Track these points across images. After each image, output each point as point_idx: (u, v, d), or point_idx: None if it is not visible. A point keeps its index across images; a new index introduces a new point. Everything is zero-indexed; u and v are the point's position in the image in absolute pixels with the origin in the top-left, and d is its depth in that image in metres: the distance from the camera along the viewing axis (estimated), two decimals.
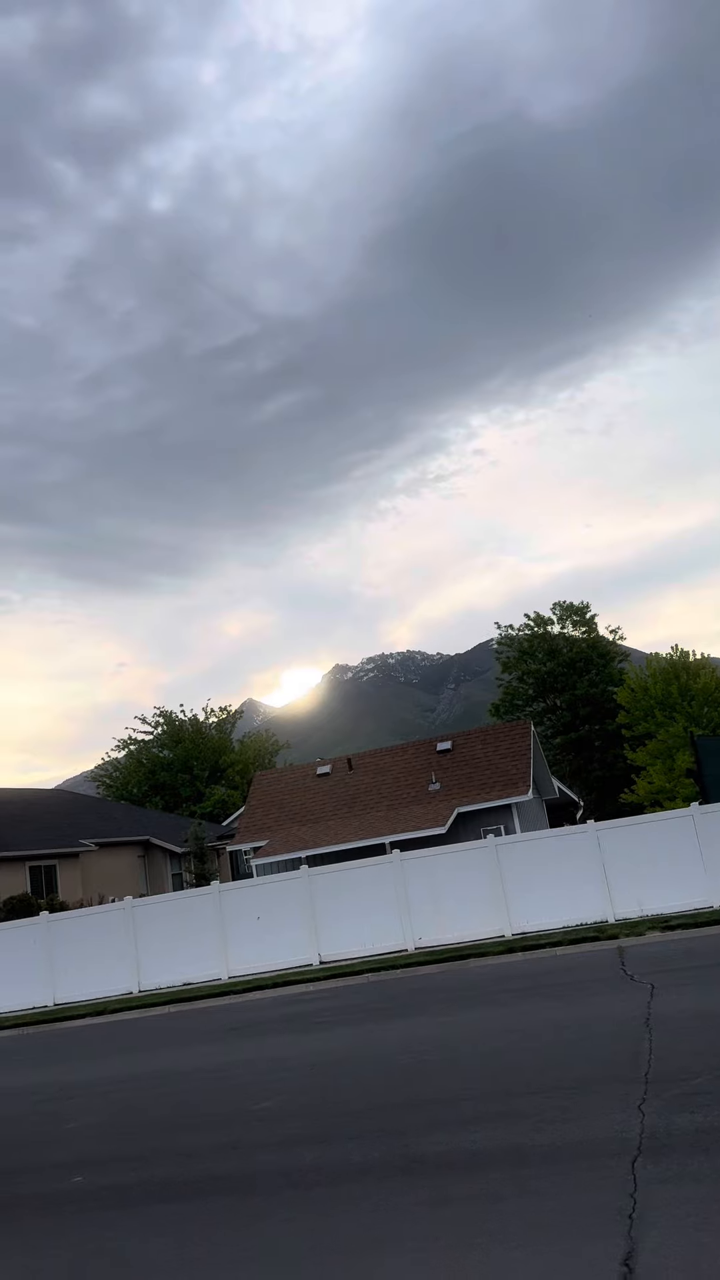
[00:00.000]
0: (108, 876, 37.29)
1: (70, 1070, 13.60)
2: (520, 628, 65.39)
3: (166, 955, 23.16)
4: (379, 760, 30.68)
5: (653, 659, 51.20)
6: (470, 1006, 13.38)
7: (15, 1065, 15.47)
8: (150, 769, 67.47)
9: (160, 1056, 13.35)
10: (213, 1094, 10.00)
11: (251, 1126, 8.34)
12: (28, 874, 33.28)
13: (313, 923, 22.52)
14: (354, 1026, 13.25)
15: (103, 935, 23.80)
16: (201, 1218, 6.23)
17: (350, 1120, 8.00)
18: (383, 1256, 5.17)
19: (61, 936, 23.94)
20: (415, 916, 21.97)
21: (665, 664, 49.65)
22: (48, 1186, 7.53)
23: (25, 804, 40.67)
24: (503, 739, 28.63)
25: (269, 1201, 6.35)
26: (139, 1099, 10.43)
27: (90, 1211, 6.72)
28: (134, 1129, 8.98)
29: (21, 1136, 9.44)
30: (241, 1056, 12.10)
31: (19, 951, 24.02)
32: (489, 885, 21.68)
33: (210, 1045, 13.62)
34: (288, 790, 30.49)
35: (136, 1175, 7.42)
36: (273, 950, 22.58)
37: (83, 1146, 8.62)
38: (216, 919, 23.06)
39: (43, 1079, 13.14)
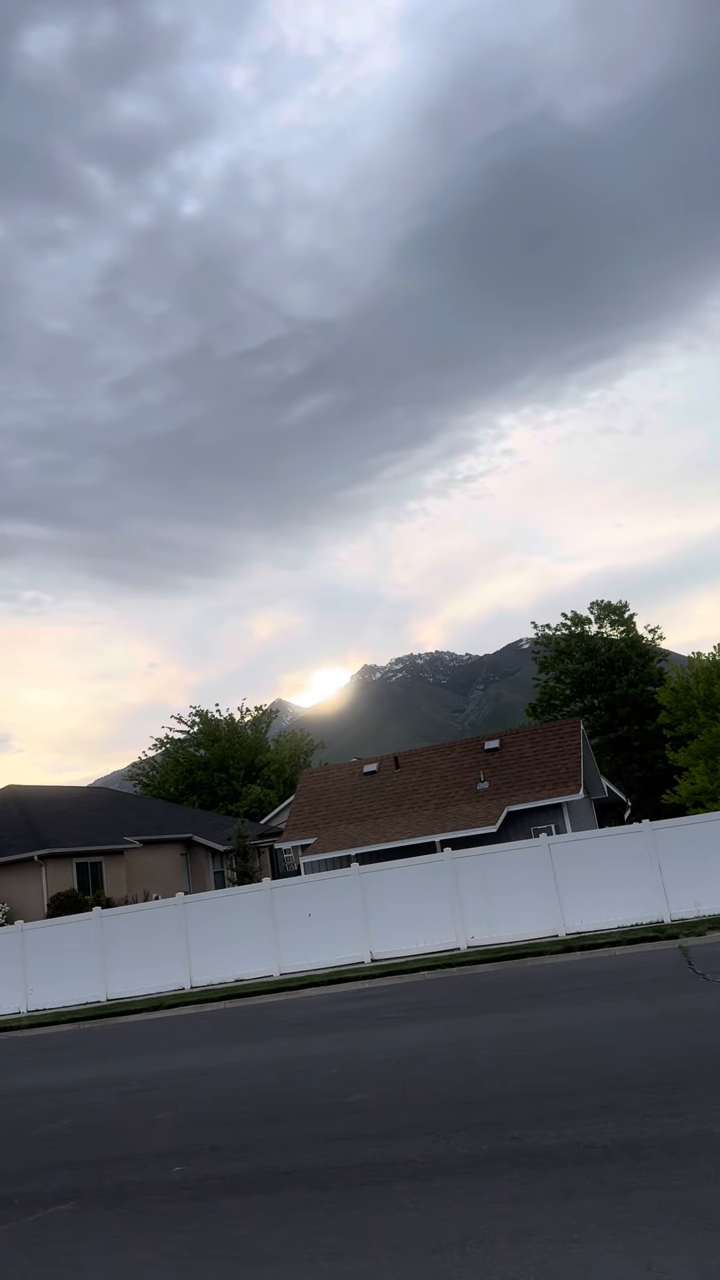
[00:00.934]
0: (151, 874, 37.53)
1: (143, 1063, 13.69)
2: (558, 627, 65.08)
3: (218, 952, 23.27)
4: (426, 759, 30.65)
5: (694, 659, 50.69)
6: (543, 1004, 13.32)
7: (84, 1059, 15.58)
8: (187, 768, 67.82)
9: (233, 1051, 13.39)
10: (299, 1087, 10.02)
11: (348, 1119, 8.34)
12: (75, 871, 33.57)
13: (364, 920, 22.54)
14: (426, 1023, 13.23)
15: (154, 931, 23.96)
16: (324, 1206, 6.23)
17: (450, 1113, 7.98)
18: (550, 1245, 5.11)
19: (114, 932, 24.12)
20: (467, 915, 21.92)
21: (709, 664, 49.13)
22: (152, 1176, 7.57)
23: (71, 802, 41.02)
24: (551, 738, 28.50)
25: (387, 1191, 6.33)
26: (224, 1091, 10.46)
27: (207, 1199, 6.74)
28: (227, 1120, 9.01)
29: (113, 1127, 9.50)
30: (319, 1050, 12.12)
31: (72, 947, 24.24)
32: (542, 884, 21.58)
33: (283, 1039, 13.66)
34: (334, 788, 30.53)
35: (243, 1165, 7.44)
36: (324, 947, 22.63)
37: (178, 1137, 8.66)
38: (268, 916, 23.14)
39: (117, 1072, 13.23)
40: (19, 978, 24.27)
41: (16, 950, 24.53)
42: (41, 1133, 9.73)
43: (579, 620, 64.30)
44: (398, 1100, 8.70)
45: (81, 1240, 6.34)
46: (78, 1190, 7.46)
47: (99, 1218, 6.75)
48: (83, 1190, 7.44)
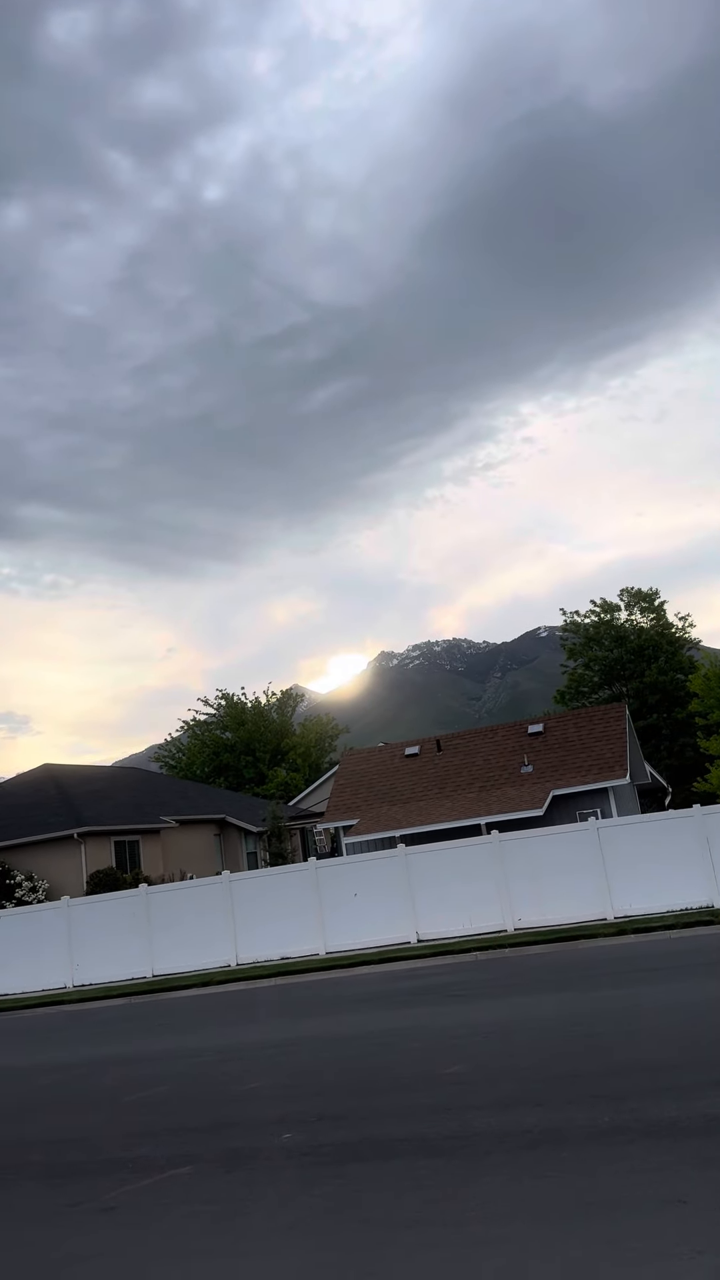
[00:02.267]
0: (185, 853, 37.71)
1: (215, 1036, 13.76)
2: (587, 614, 64.78)
3: (263, 930, 23.38)
4: (468, 742, 30.61)
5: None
6: (615, 983, 13.29)
7: (150, 1031, 15.67)
8: (214, 750, 68.08)
9: (306, 1024, 13.45)
10: (388, 1059, 10.04)
11: (451, 1090, 8.34)
12: (113, 849, 33.77)
13: (410, 901, 22.57)
14: (498, 999, 13.24)
15: (200, 909, 24.09)
16: (453, 1173, 6.24)
17: (557, 1086, 7.97)
18: (710, 1211, 5.08)
19: (159, 909, 24.26)
20: (514, 897, 21.92)
21: None
22: (262, 1142, 7.60)
23: (106, 781, 41.25)
24: (597, 722, 28.41)
25: (514, 1160, 6.33)
26: (310, 1063, 10.50)
27: (328, 1165, 6.76)
28: (322, 1090, 9.04)
29: (206, 1095, 9.56)
30: (396, 1024, 12.14)
31: (118, 924, 24.41)
32: (590, 868, 21.54)
33: (354, 1014, 13.70)
34: (375, 770, 30.57)
35: (355, 1133, 7.45)
36: (369, 927, 22.69)
37: (278, 1106, 8.70)
38: (313, 895, 23.21)
39: (192, 1044, 13.31)
40: (64, 953, 24.46)
41: (62, 926, 24.72)
42: (134, 1100, 9.79)
43: (609, 607, 63.99)
44: (497, 1073, 8.70)
45: (211, 1202, 6.37)
46: (190, 1155, 7.50)
47: (222, 1181, 6.78)
48: (196, 1155, 7.48)
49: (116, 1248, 5.82)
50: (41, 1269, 5.68)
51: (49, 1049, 15.27)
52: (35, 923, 25.34)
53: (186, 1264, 5.41)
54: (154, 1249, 5.72)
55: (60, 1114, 9.75)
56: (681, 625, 62.67)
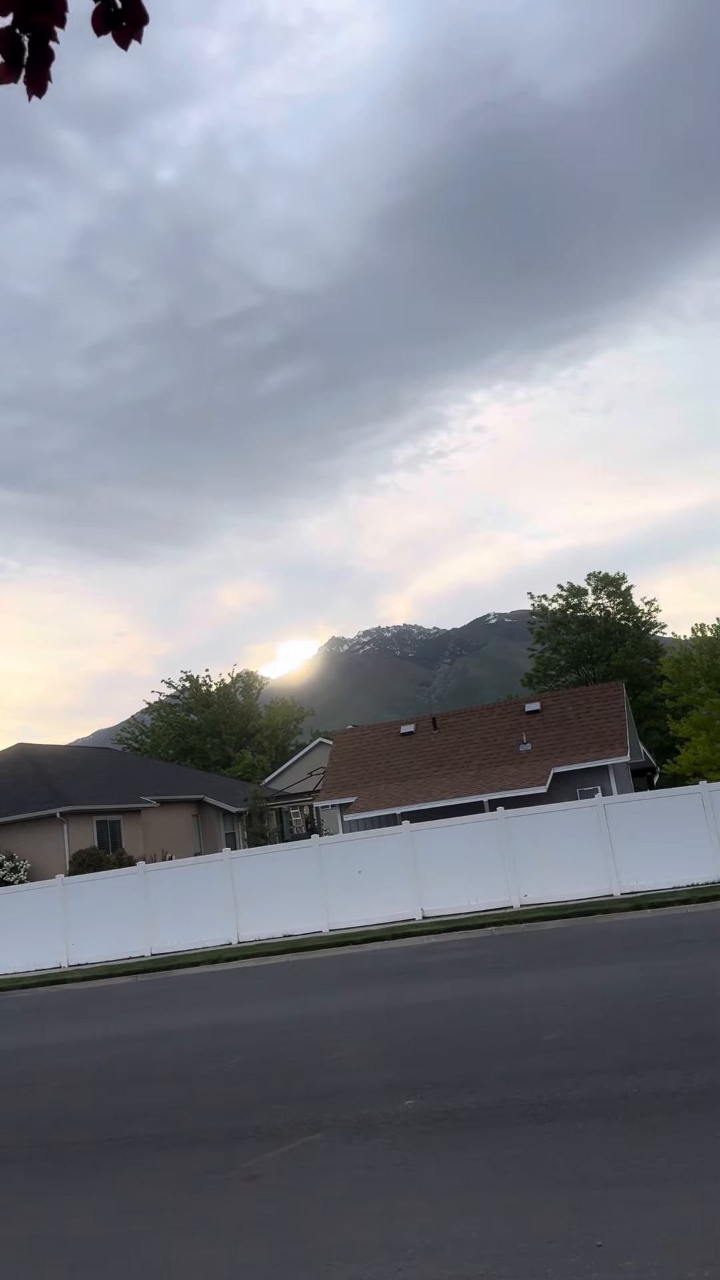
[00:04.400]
0: (165, 833, 37.22)
1: (260, 1009, 13.48)
2: (553, 598, 65.21)
3: (264, 908, 23.09)
4: (464, 720, 30.57)
5: (698, 630, 51.06)
6: (656, 955, 13.28)
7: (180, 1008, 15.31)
8: (180, 732, 67.38)
9: (353, 997, 13.23)
10: (471, 1026, 9.87)
11: (560, 1055, 8.20)
12: (95, 829, 33.17)
13: (414, 878, 22.45)
14: (543, 971, 13.16)
15: (199, 887, 23.72)
16: (621, 1135, 6.09)
17: (674, 1050, 7.87)
18: None
19: (158, 887, 23.85)
20: (520, 874, 21.90)
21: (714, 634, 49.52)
22: (381, 1109, 7.37)
23: (82, 761, 40.52)
24: (594, 700, 28.54)
25: (673, 1120, 6.20)
26: (385, 1032, 10.29)
27: (474, 1129, 6.57)
28: (421, 1058, 8.84)
29: (287, 1066, 9.30)
30: (452, 995, 11.99)
31: (115, 902, 23.94)
32: (596, 844, 21.61)
33: (399, 988, 13.52)
34: (370, 749, 30.39)
35: (480, 1098, 7.26)
36: (373, 904, 22.52)
37: (374, 1074, 8.49)
38: (316, 872, 22.98)
39: (239, 1018, 13.01)
40: (59, 932, 23.94)
41: (57, 905, 24.18)
42: (212, 1072, 9.51)
43: (576, 591, 64.49)
44: (601, 1038, 8.59)
45: (372, 1168, 6.14)
46: (312, 1122, 7.26)
47: (365, 1147, 6.55)
48: (317, 1122, 7.24)
49: (293, 1211, 5.57)
50: (239, 1232, 5.39)
51: (83, 1025, 14.85)
52: (28, 902, 24.77)
53: (396, 1224, 5.17)
54: (339, 1212, 5.47)
55: (142, 1087, 9.44)
56: (648, 610, 63.46)
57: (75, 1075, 10.54)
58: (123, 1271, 5.14)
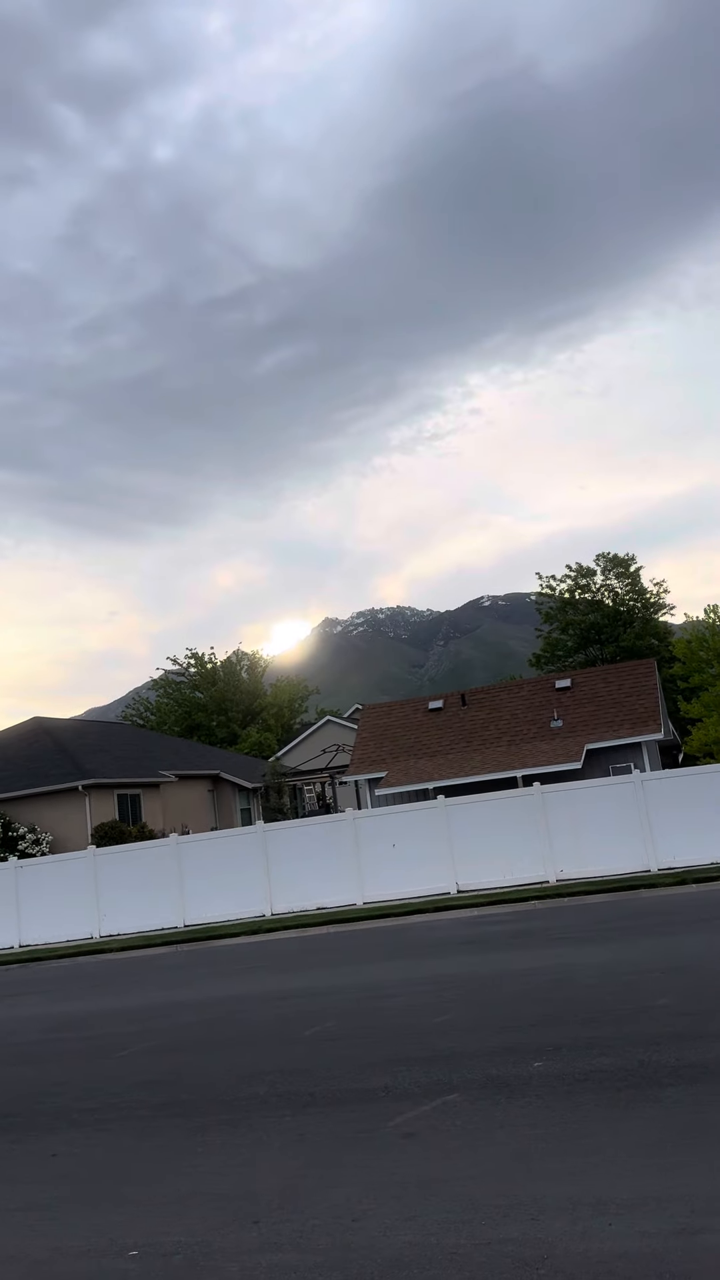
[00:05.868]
0: (182, 808, 37.18)
1: (332, 976, 13.40)
2: (562, 578, 65.10)
3: (298, 880, 23.06)
4: (493, 696, 30.51)
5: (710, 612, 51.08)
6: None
7: (243, 974, 15.19)
8: (187, 709, 67.26)
9: (428, 965, 13.17)
10: (574, 993, 9.83)
11: (680, 1020, 8.16)
12: (116, 802, 33.09)
13: (449, 852, 22.42)
14: (613, 941, 13.14)
15: (232, 859, 23.67)
16: None
17: None
18: None
19: (191, 860, 23.79)
20: (556, 849, 21.90)
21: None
22: (516, 1069, 7.33)
23: (98, 735, 40.39)
24: (626, 677, 28.52)
25: None
26: (481, 997, 10.25)
27: (627, 1089, 6.52)
28: (537, 1021, 8.79)
29: (396, 1029, 9.23)
30: (529, 965, 11.95)
31: (147, 874, 23.89)
32: (633, 820, 21.61)
33: (471, 956, 13.49)
34: (399, 725, 30.32)
35: (614, 1060, 7.21)
36: (408, 878, 22.51)
37: (489, 1037, 8.44)
38: (351, 846, 22.94)
39: (315, 983, 12.95)
40: (91, 903, 23.88)
41: (88, 876, 24.12)
42: (313, 1034, 9.45)
43: (585, 572, 64.39)
44: (716, 1005, 8.54)
45: (534, 1125, 6.09)
46: (445, 1083, 7.20)
47: (513, 1106, 6.50)
48: (451, 1083, 7.18)
49: (470, 1168, 5.50)
50: (425, 1188, 5.32)
51: (145, 991, 14.78)
52: (59, 873, 24.70)
53: (586, 1180, 5.11)
54: (521, 1170, 5.41)
55: (243, 1049, 9.37)
56: (656, 592, 63.43)
57: (163, 1038, 10.48)
58: (314, 1221, 5.07)
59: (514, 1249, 4.51)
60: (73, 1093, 8.59)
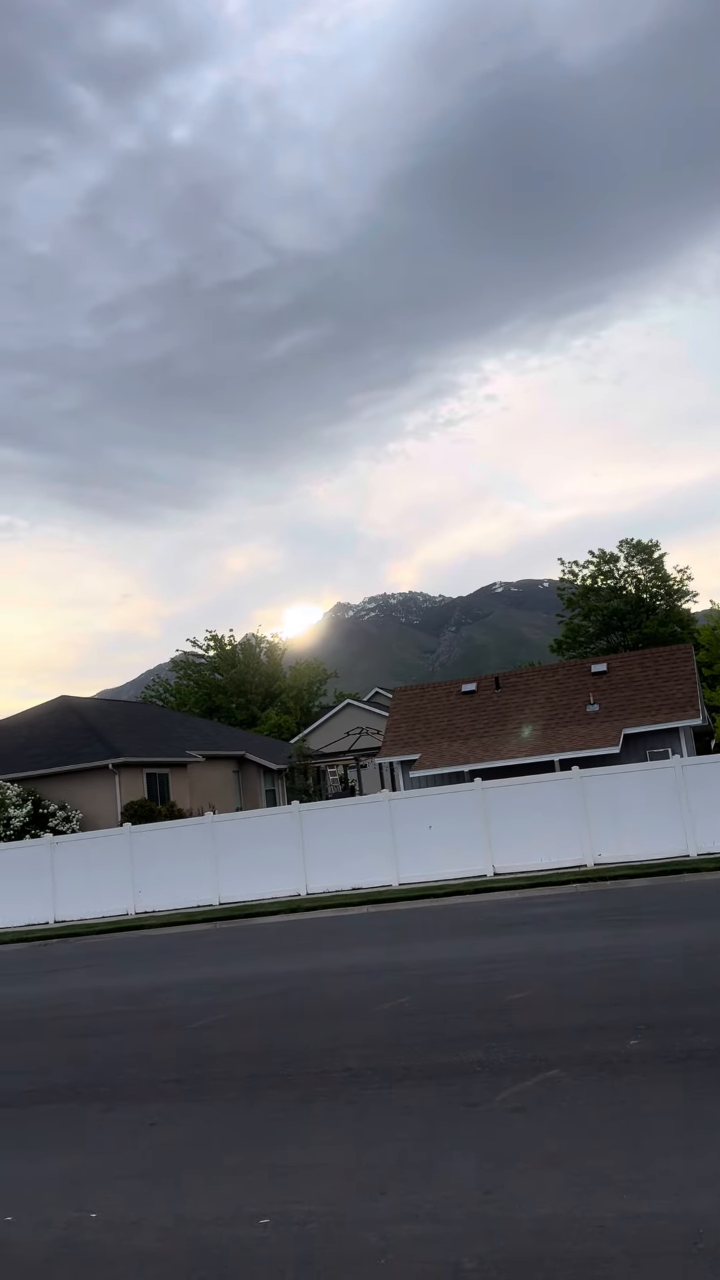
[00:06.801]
0: (208, 788, 37.25)
1: (389, 954, 13.35)
2: (584, 564, 64.80)
3: (333, 860, 23.04)
4: (527, 680, 30.41)
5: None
6: None
7: (300, 950, 15.16)
8: (207, 691, 67.39)
9: (487, 944, 13.13)
10: (648, 973, 9.75)
11: None
12: (145, 781, 33.16)
13: (485, 835, 22.36)
14: (680, 924, 13.06)
15: (267, 838, 23.67)
16: None
17: None
18: None
19: (225, 837, 23.81)
20: (595, 833, 21.82)
21: None
22: (611, 1046, 7.26)
23: (124, 715, 40.47)
24: (663, 662, 28.37)
25: None
26: (555, 976, 10.18)
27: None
28: (612, 1001, 8.72)
29: (473, 1006, 9.18)
30: (599, 945, 11.89)
31: (183, 851, 23.91)
32: (673, 805, 21.48)
33: (528, 936, 13.43)
34: (431, 707, 30.26)
35: (707, 1040, 7.13)
36: (444, 860, 22.46)
37: (571, 1014, 8.39)
38: (386, 827, 22.90)
39: (374, 961, 12.91)
40: (127, 880, 23.94)
41: (124, 853, 24.17)
42: (388, 1009, 9.41)
43: (608, 558, 64.06)
44: None
45: (647, 1101, 6.02)
46: (539, 1060, 7.14)
47: (619, 1083, 6.44)
48: (546, 1060, 7.12)
49: (596, 1141, 5.44)
50: (551, 1160, 5.26)
51: (199, 966, 14.78)
52: (94, 850, 24.76)
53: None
54: (652, 1145, 5.35)
55: (321, 1022, 9.34)
56: (680, 578, 63.03)
57: (233, 1011, 10.46)
58: (442, 1193, 5.02)
59: (664, 1223, 4.44)
60: (153, 1064, 8.58)
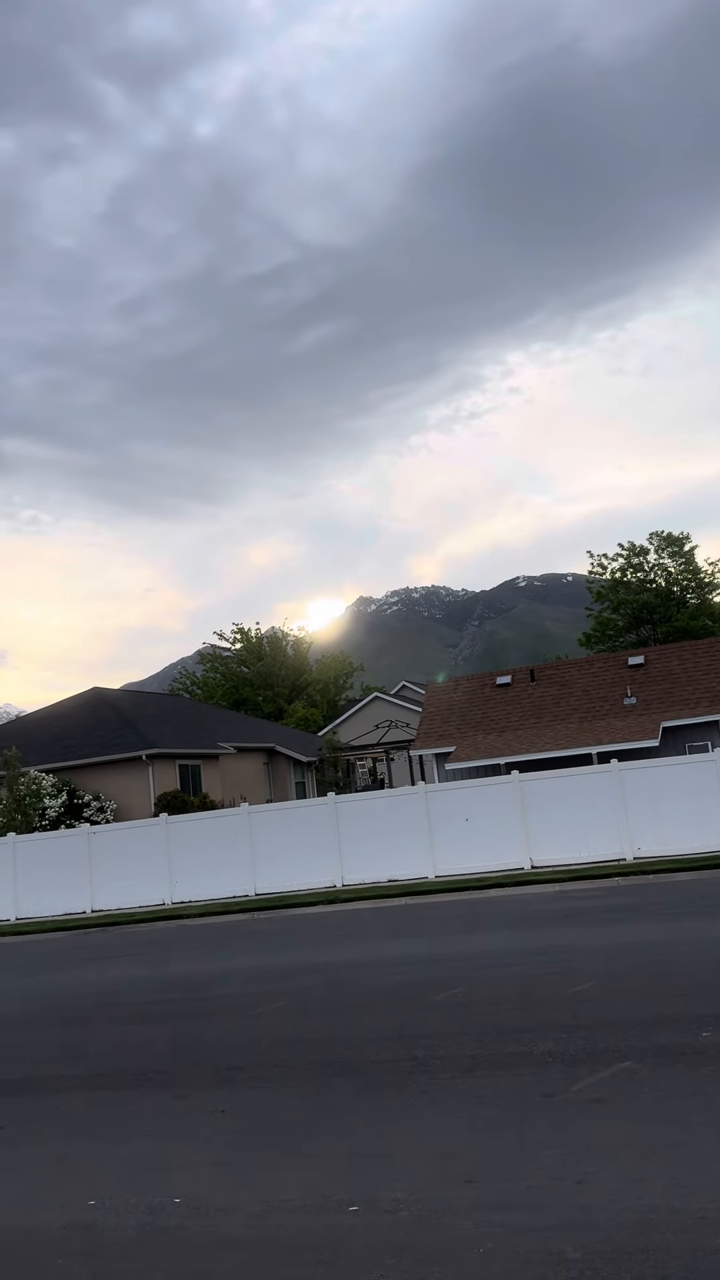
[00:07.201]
0: (238, 780, 37.30)
1: (437, 945, 13.30)
2: (613, 557, 64.28)
3: (368, 852, 23.00)
4: (562, 672, 30.21)
5: None
6: None
7: (344, 941, 15.12)
8: (234, 684, 67.53)
9: (530, 936, 13.03)
10: (711, 966, 9.62)
11: None
12: (177, 772, 33.26)
13: (523, 827, 22.24)
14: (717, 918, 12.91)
15: (303, 829, 23.66)
16: None
17: None
18: None
19: (262, 828, 23.83)
20: (634, 826, 21.65)
21: None
22: (684, 1038, 7.16)
23: (156, 707, 40.62)
24: (702, 655, 28.10)
25: None
26: (612, 969, 10.08)
27: None
28: (675, 994, 8.62)
29: (534, 997, 9.10)
30: (660, 937, 11.78)
31: (218, 842, 23.96)
32: (714, 798, 21.26)
33: (579, 928, 13.33)
34: (465, 700, 30.14)
35: None
36: (481, 852, 22.36)
37: (636, 1007, 8.29)
38: (423, 819, 22.84)
39: (423, 952, 12.84)
40: (164, 870, 24.02)
41: (160, 844, 24.25)
42: (445, 999, 9.34)
43: (637, 551, 63.51)
44: None
45: None
46: (611, 1050, 7.05)
47: (698, 1074, 6.34)
48: (619, 1051, 7.02)
49: (689, 1134, 5.35)
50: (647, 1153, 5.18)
51: (245, 955, 14.78)
52: (131, 840, 24.89)
53: None
54: None
55: (378, 1012, 9.28)
56: (711, 571, 62.38)
57: (288, 999, 10.43)
58: (531, 1183, 4.95)
59: None
60: (215, 1051, 8.56)
